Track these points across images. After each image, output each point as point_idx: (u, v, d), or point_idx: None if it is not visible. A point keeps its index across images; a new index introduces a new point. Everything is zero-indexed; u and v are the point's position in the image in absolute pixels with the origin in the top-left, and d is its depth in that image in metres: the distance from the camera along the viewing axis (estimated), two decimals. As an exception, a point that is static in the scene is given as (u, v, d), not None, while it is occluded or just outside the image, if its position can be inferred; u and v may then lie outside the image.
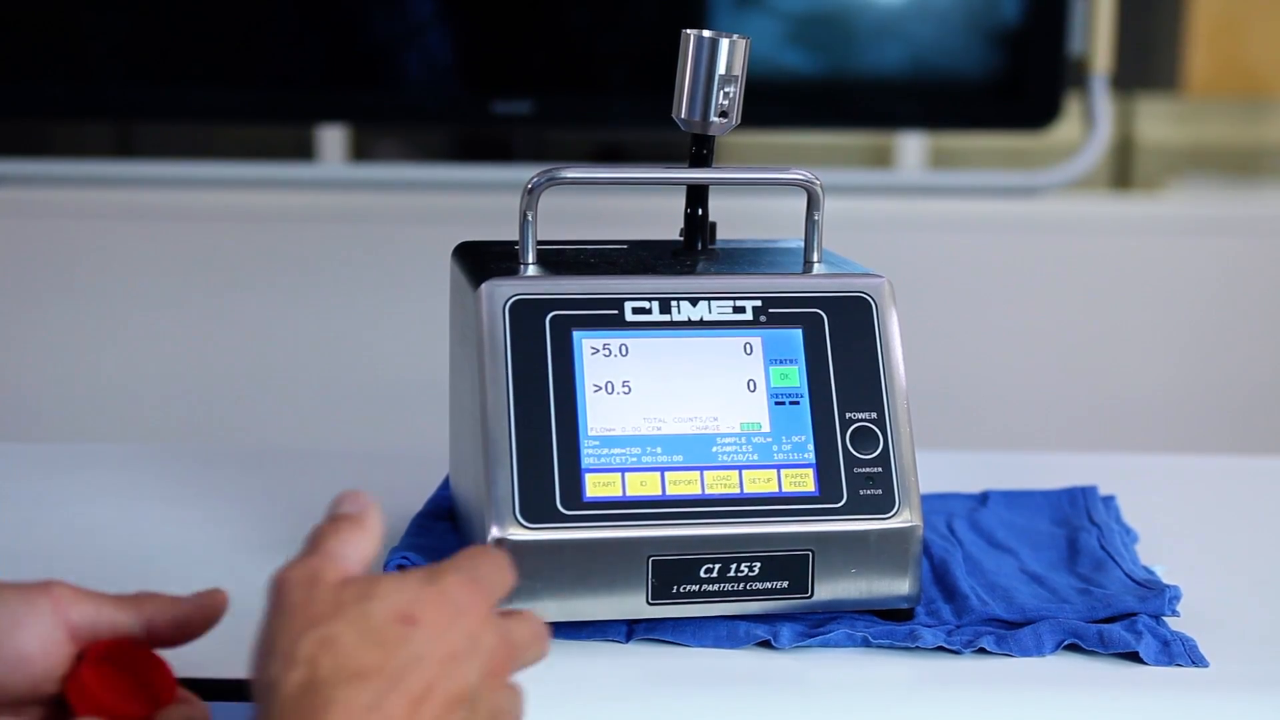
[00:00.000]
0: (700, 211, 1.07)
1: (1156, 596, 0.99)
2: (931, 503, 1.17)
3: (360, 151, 2.62)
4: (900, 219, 2.19)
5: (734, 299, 1.00)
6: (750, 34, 1.03)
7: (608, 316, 0.98)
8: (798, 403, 0.98)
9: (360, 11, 2.09)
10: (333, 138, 2.42)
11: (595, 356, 0.97)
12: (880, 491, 0.97)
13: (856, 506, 0.97)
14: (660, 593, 0.95)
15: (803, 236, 1.06)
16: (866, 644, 0.96)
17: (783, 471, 0.97)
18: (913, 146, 2.53)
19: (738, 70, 1.01)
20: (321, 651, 0.68)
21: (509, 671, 0.74)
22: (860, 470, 0.97)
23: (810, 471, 0.97)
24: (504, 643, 0.73)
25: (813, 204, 1.04)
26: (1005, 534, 1.13)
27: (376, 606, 0.70)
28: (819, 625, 0.97)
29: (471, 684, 0.71)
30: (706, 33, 1.01)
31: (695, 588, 0.95)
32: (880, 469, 0.98)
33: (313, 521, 0.75)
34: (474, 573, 0.74)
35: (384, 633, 0.69)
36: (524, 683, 0.75)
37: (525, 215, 1.01)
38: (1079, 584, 1.04)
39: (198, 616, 0.80)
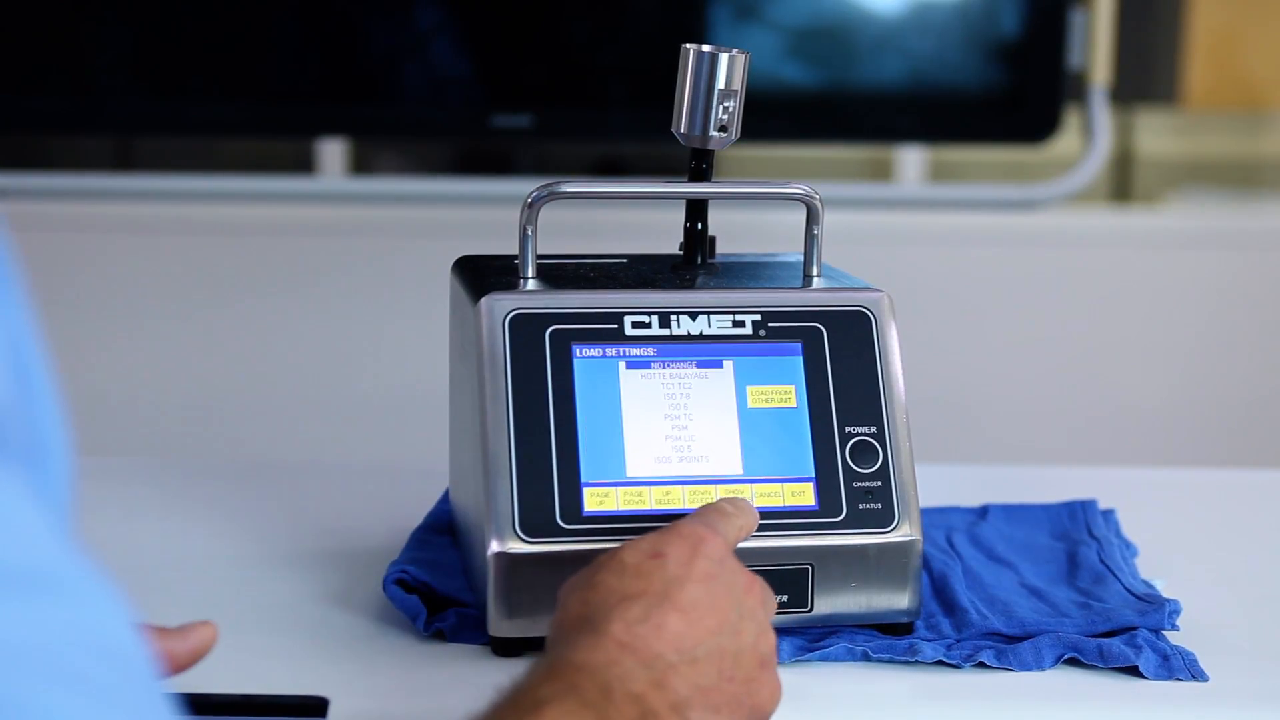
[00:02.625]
0: (700, 225, 1.07)
1: (1156, 611, 0.99)
2: (931, 516, 1.17)
3: (360, 165, 2.62)
4: (900, 232, 2.19)
5: (733, 313, 1.00)
6: (750, 48, 1.03)
7: (607, 330, 0.98)
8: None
9: (360, 25, 2.09)
10: (332, 151, 2.43)
11: (595, 370, 0.97)
12: (880, 505, 0.97)
13: (856, 521, 0.97)
14: (660, 607, 0.95)
15: (802, 250, 1.06)
16: (866, 658, 0.96)
17: (782, 486, 0.97)
18: (912, 160, 2.53)
19: (737, 85, 1.01)
20: (590, 594, 0.78)
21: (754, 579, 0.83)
22: (860, 484, 0.97)
23: (810, 485, 0.97)
24: (744, 573, 0.83)
25: (812, 218, 1.04)
26: (1005, 548, 1.13)
27: (627, 553, 0.80)
28: (819, 639, 0.97)
29: (736, 597, 0.80)
30: (706, 48, 1.01)
31: (695, 602, 0.95)
32: (880, 483, 0.97)
33: (312, 535, 0.75)
34: (706, 518, 0.85)
35: (640, 567, 0.79)
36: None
37: (525, 229, 1.01)
38: (1079, 598, 1.04)
39: (183, 650, 0.79)
